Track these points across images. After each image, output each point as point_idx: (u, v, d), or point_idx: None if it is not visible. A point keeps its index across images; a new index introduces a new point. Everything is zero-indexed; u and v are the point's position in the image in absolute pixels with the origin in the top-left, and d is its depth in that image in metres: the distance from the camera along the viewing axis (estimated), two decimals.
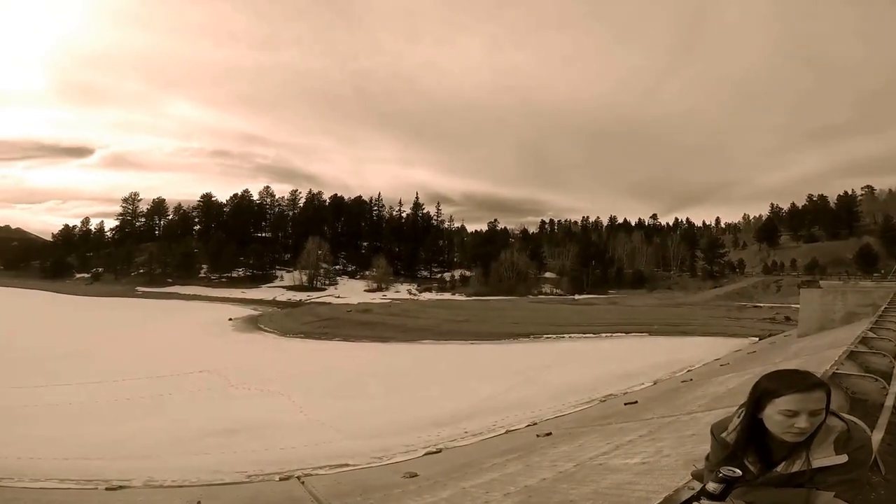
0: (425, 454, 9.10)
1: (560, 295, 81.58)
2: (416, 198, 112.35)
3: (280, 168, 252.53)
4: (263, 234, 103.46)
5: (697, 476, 1.85)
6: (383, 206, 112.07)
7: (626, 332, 35.76)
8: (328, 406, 17.20)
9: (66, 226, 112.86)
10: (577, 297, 77.59)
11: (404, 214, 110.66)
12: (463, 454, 8.58)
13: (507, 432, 10.14)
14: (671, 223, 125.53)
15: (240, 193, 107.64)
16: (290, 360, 30.37)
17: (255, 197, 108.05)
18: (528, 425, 10.32)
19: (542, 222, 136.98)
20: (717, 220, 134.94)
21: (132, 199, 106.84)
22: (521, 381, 19.64)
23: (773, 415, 1.41)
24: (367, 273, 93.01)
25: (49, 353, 29.16)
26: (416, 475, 6.65)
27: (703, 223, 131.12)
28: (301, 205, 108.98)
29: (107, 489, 7.21)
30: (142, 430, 14.64)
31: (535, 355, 28.95)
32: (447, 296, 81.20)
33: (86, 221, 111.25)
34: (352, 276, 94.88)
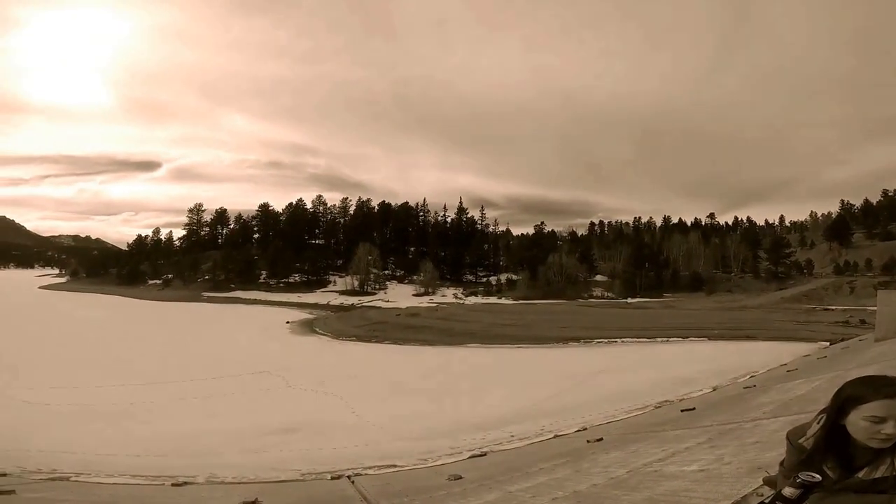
0: (470, 457, 9.05)
1: (612, 298, 79.05)
2: (460, 202, 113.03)
3: (330, 177, 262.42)
4: (317, 241, 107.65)
5: (770, 482, 1.77)
6: (428, 211, 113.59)
7: (683, 337, 34.04)
8: (377, 407, 17.54)
9: (139, 236, 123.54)
10: (629, 300, 74.91)
11: (449, 219, 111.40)
12: (508, 458, 8.47)
13: (555, 437, 9.92)
14: (730, 222, 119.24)
15: (294, 202, 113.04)
16: (343, 362, 31.21)
17: (309, 205, 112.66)
18: (578, 430, 10.04)
19: (592, 224, 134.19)
20: (781, 219, 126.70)
21: (196, 210, 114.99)
22: (570, 386, 19.17)
23: (858, 421, 1.32)
24: (414, 277, 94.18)
25: (131, 355, 31.51)
26: (460, 477, 6.65)
27: (766, 222, 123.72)
28: (351, 212, 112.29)
29: (173, 485, 7.57)
30: (206, 428, 15.38)
31: (586, 360, 28.17)
32: (493, 299, 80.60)
33: (156, 231, 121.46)
34: (400, 280, 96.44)
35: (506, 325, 44.35)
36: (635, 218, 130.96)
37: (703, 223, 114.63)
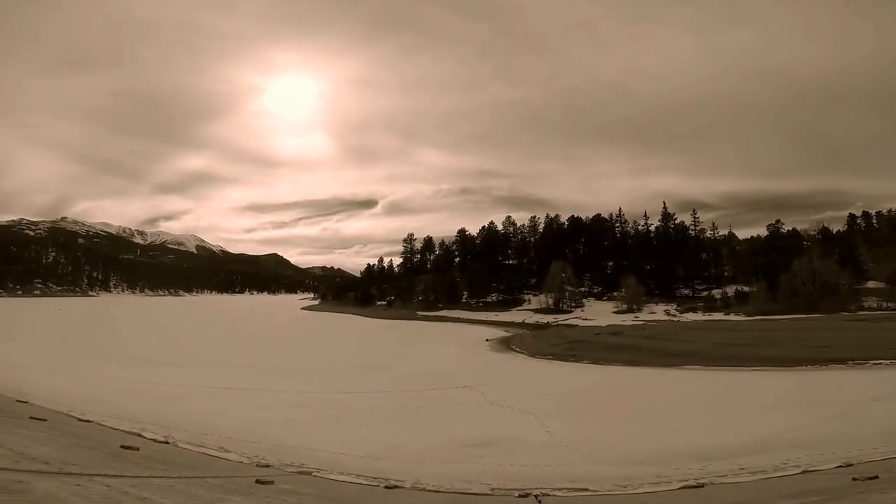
0: (682, 488, 7.47)
1: (894, 310, 60.10)
2: (664, 207, 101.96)
3: (515, 197, 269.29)
4: (510, 261, 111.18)
5: None
6: (626, 221, 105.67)
7: None
8: (572, 427, 16.39)
9: (368, 265, 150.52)
10: None
11: (652, 228, 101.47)
12: (734, 492, 6.68)
13: (803, 472, 7.56)
14: None
15: (486, 225, 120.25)
16: (539, 380, 30.58)
17: (500, 227, 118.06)
18: (839, 466, 7.48)
19: (851, 217, 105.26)
20: None
21: (409, 239, 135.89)
22: (829, 416, 14.72)
23: None
24: (614, 294, 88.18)
25: (364, 365, 36.77)
26: None
27: None
28: (541, 230, 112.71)
29: (385, 487, 8.03)
30: (415, 435, 16.41)
31: (854, 385, 21.58)
32: (718, 315, 69.41)
33: (380, 260, 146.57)
34: (598, 297, 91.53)
35: (736, 346, 37.35)
36: None
37: None
